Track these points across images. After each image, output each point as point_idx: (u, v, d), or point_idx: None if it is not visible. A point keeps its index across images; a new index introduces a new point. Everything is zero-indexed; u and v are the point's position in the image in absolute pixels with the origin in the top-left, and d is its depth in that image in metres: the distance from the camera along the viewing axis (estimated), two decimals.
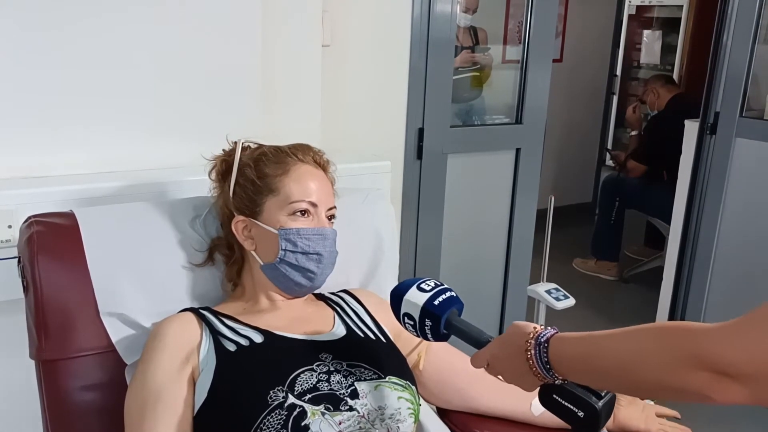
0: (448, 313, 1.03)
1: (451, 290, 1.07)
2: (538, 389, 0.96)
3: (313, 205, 1.20)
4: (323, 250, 1.19)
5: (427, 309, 1.03)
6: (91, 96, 1.54)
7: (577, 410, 0.91)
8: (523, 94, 2.52)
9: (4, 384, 1.43)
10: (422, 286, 1.06)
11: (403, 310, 1.07)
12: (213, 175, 1.28)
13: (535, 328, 0.93)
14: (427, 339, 1.06)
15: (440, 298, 1.04)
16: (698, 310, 2.87)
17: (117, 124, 1.58)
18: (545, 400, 0.95)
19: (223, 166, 1.26)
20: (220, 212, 1.27)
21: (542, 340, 0.90)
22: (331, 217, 1.24)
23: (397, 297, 1.07)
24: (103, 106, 1.56)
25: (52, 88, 1.50)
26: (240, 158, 1.23)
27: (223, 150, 1.28)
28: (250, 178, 1.21)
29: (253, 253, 1.23)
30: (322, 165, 1.26)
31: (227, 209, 1.24)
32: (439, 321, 1.03)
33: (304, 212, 1.19)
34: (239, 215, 1.22)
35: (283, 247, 1.18)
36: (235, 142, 1.26)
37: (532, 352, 0.91)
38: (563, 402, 0.92)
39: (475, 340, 1.02)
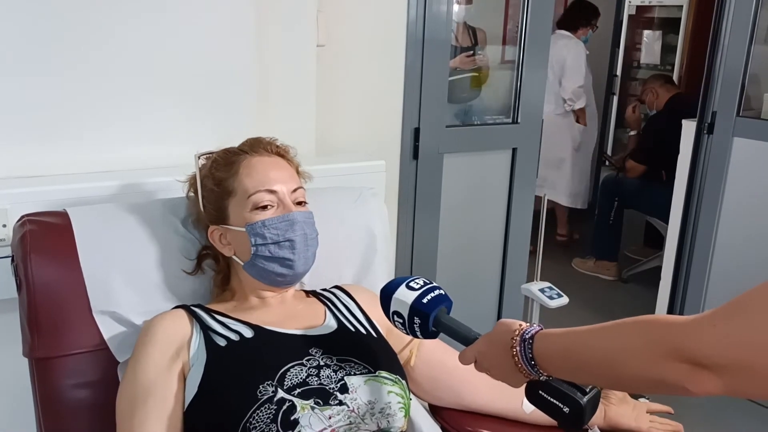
0: (436, 311, 1.04)
1: (439, 288, 1.08)
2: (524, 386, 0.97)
3: (272, 192, 1.20)
4: (293, 236, 1.19)
5: (416, 307, 1.04)
6: (86, 96, 1.55)
7: (562, 406, 0.92)
8: (519, 93, 2.52)
9: None
10: (411, 284, 1.07)
11: (392, 309, 1.07)
12: (190, 195, 1.30)
13: (520, 325, 0.94)
14: (417, 336, 1.07)
15: (429, 297, 1.05)
16: (696, 309, 2.87)
17: (112, 125, 1.59)
18: (531, 396, 0.96)
19: (195, 184, 1.27)
20: (202, 227, 1.29)
21: (527, 337, 0.91)
22: (301, 202, 1.23)
23: (386, 296, 1.08)
24: (98, 106, 1.57)
25: (47, 89, 1.51)
26: (201, 171, 1.25)
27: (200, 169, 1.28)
28: (210, 188, 1.23)
29: (234, 257, 1.24)
30: (277, 152, 1.26)
31: (204, 223, 1.26)
32: (427, 319, 1.04)
33: (266, 206, 1.19)
34: (212, 225, 1.24)
35: (254, 242, 1.18)
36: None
37: (518, 349, 0.91)
38: (549, 398, 0.94)
39: (463, 338, 1.03)
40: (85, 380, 1.21)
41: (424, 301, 1.04)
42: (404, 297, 1.05)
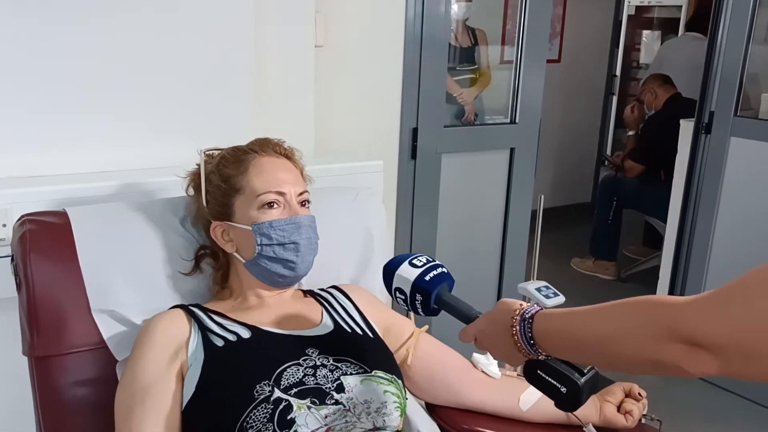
0: (438, 288, 1.05)
1: (442, 266, 1.09)
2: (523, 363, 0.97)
3: (281, 193, 1.21)
4: (299, 239, 1.20)
5: (418, 284, 1.05)
6: (86, 97, 1.56)
7: (560, 386, 0.93)
8: (517, 94, 2.53)
9: None
10: (414, 261, 1.08)
11: (394, 285, 1.08)
12: (190, 191, 1.31)
13: (521, 305, 0.95)
14: (418, 314, 1.08)
15: (431, 274, 1.06)
16: None
17: (111, 125, 1.60)
18: (530, 375, 0.96)
19: (197, 180, 1.28)
20: (201, 223, 1.30)
21: (527, 316, 0.92)
22: (304, 203, 1.25)
23: (388, 272, 1.09)
24: (98, 106, 1.58)
25: (46, 89, 1.52)
26: (206, 168, 1.26)
27: (197, 165, 1.30)
28: (216, 184, 1.24)
29: (235, 254, 1.25)
30: (284, 154, 1.28)
31: (205, 219, 1.27)
32: (429, 296, 1.05)
33: (272, 204, 1.20)
34: (215, 221, 1.25)
35: (259, 242, 1.19)
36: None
37: (517, 328, 0.92)
38: (547, 378, 0.94)
39: (464, 316, 1.04)
40: (84, 378, 1.22)
41: (427, 278, 1.05)
42: (407, 274, 1.06)
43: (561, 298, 1.73)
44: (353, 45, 2.07)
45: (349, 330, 1.24)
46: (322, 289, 1.35)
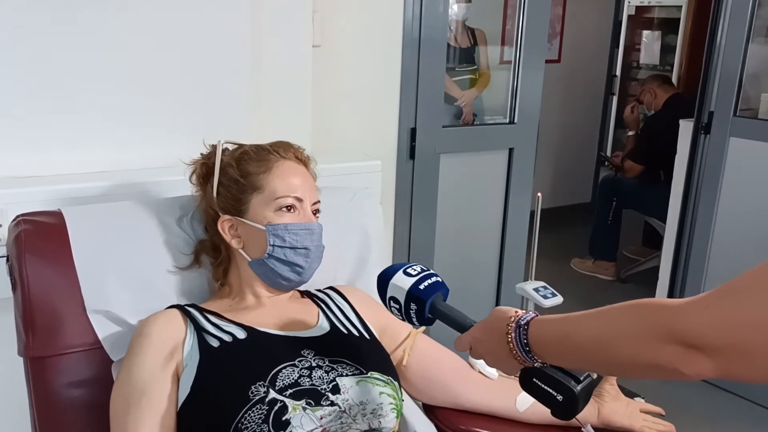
0: (433, 297, 1.05)
1: (436, 275, 1.08)
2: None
3: (299, 200, 1.22)
4: (311, 245, 1.21)
5: (413, 293, 1.05)
6: (80, 97, 1.55)
7: (556, 394, 0.92)
8: (516, 94, 2.53)
9: None
10: (408, 270, 1.08)
11: (389, 294, 1.08)
12: (194, 179, 1.30)
13: (516, 312, 0.94)
14: (413, 323, 1.08)
15: (426, 283, 1.06)
16: None
17: (106, 125, 1.59)
18: (525, 384, 0.96)
19: (204, 169, 1.28)
20: (205, 214, 1.29)
21: (522, 323, 0.91)
22: (316, 212, 1.25)
23: (383, 281, 1.09)
24: (92, 106, 1.57)
25: (40, 89, 1.51)
26: (221, 160, 1.25)
27: (201, 154, 1.30)
28: (234, 178, 1.23)
29: (240, 251, 1.24)
30: (304, 161, 1.28)
31: (212, 210, 1.26)
32: (424, 305, 1.04)
33: (290, 208, 1.21)
34: (225, 215, 1.24)
35: (272, 243, 1.19)
36: (214, 145, 1.28)
37: (513, 335, 0.91)
38: (542, 386, 0.93)
39: (459, 325, 1.03)
40: (79, 379, 1.21)
41: (421, 287, 1.05)
42: (401, 283, 1.06)
43: (559, 299, 1.73)
44: (351, 44, 2.07)
45: (345, 331, 1.23)
46: (318, 290, 1.34)
